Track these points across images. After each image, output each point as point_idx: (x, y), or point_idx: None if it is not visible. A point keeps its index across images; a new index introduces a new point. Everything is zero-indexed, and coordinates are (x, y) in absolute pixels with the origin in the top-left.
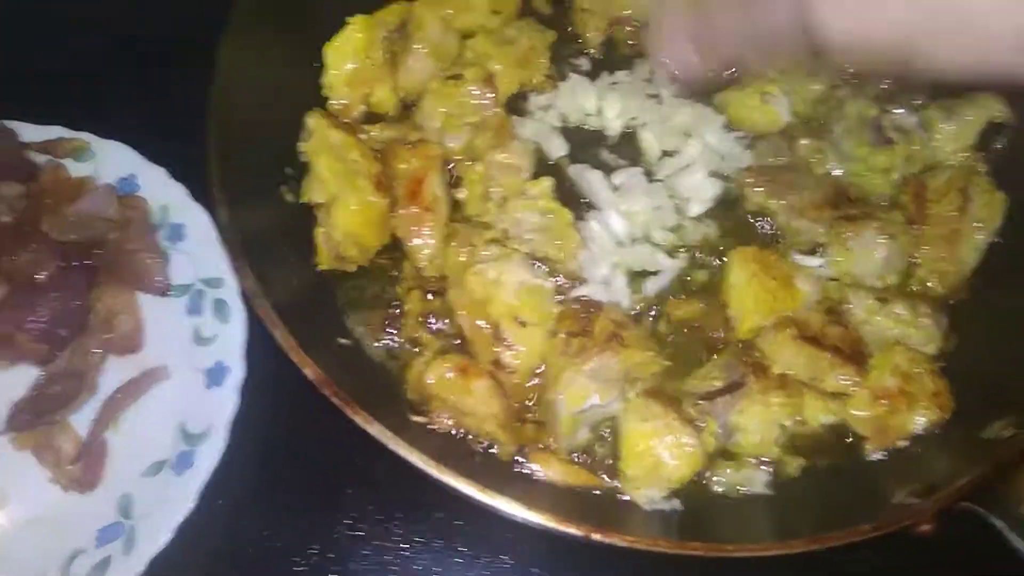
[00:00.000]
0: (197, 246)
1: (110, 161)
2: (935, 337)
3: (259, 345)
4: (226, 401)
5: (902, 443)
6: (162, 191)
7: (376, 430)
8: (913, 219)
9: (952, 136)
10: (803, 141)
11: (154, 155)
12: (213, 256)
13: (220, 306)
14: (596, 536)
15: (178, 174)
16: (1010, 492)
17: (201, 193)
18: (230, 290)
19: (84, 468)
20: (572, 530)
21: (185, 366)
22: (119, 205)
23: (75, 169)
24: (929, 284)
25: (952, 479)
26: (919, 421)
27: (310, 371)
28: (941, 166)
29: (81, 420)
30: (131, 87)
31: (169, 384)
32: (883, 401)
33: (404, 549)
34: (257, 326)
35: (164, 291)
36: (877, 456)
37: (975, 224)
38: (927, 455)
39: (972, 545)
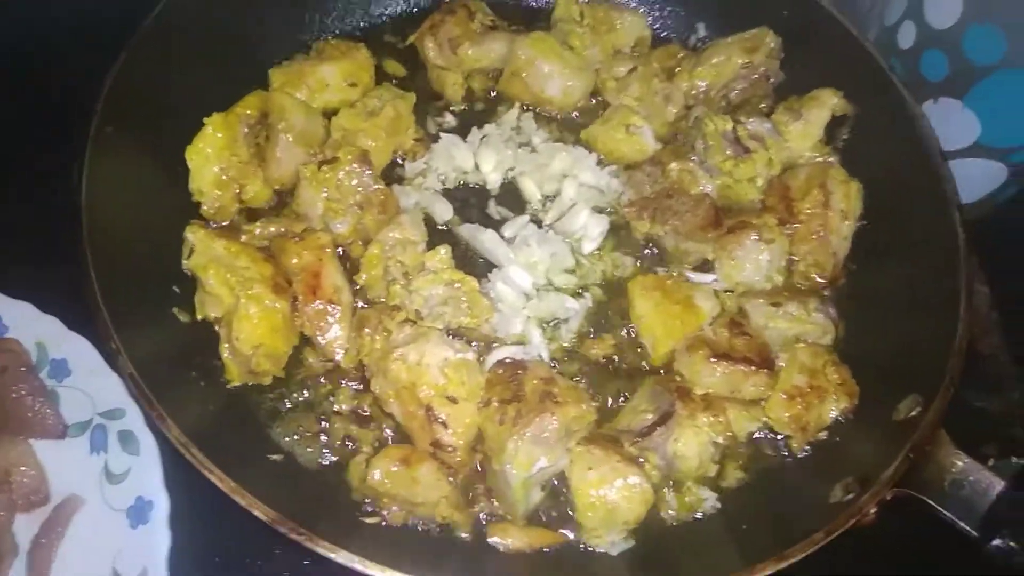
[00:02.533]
0: (86, 378)
1: None
2: (829, 328)
3: (177, 470)
4: (157, 539)
5: (823, 435)
6: (33, 327)
7: (344, 558)
8: (784, 219)
9: (801, 134)
10: (673, 165)
11: (14, 290)
12: (107, 386)
13: (126, 437)
14: None
15: (46, 305)
16: (931, 468)
17: (77, 321)
18: (134, 418)
19: None
20: None
21: (103, 508)
22: None
23: None
24: (810, 276)
25: (878, 466)
26: (832, 411)
27: (260, 513)
28: (798, 164)
29: None
30: None
31: (90, 530)
32: (797, 399)
33: None
34: (171, 450)
35: (61, 434)
36: (804, 452)
37: (840, 215)
38: (848, 444)
39: (912, 525)
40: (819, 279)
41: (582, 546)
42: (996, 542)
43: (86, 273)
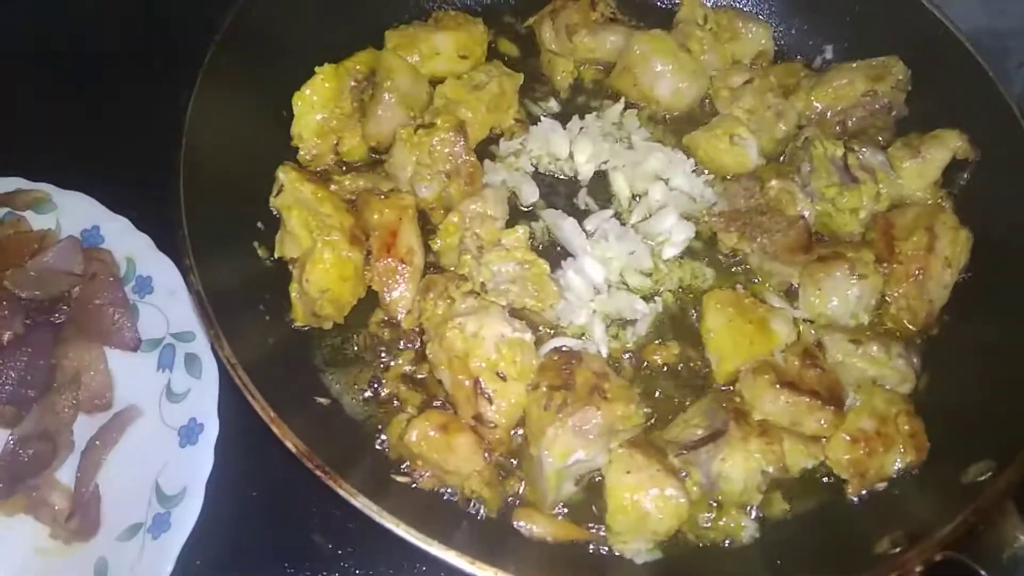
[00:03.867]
0: (166, 299)
1: (72, 212)
2: (909, 377)
3: (232, 399)
4: (202, 460)
5: (881, 485)
6: (127, 242)
7: (361, 503)
8: (882, 257)
9: (917, 173)
10: (773, 183)
11: (116, 205)
12: (183, 309)
13: (191, 360)
14: None
15: (142, 224)
16: (992, 539)
17: (167, 243)
18: (202, 344)
19: (81, 519)
20: None
21: (158, 424)
22: (84, 258)
23: (36, 222)
24: (900, 321)
25: (934, 525)
26: (897, 463)
27: (291, 444)
28: (907, 203)
29: (67, 475)
30: (91, 135)
31: (141, 441)
32: (861, 444)
33: None
34: (229, 380)
35: (135, 346)
36: (857, 499)
37: (943, 262)
38: (907, 498)
39: None
40: (909, 326)
41: (605, 549)
42: None
43: (176, 192)
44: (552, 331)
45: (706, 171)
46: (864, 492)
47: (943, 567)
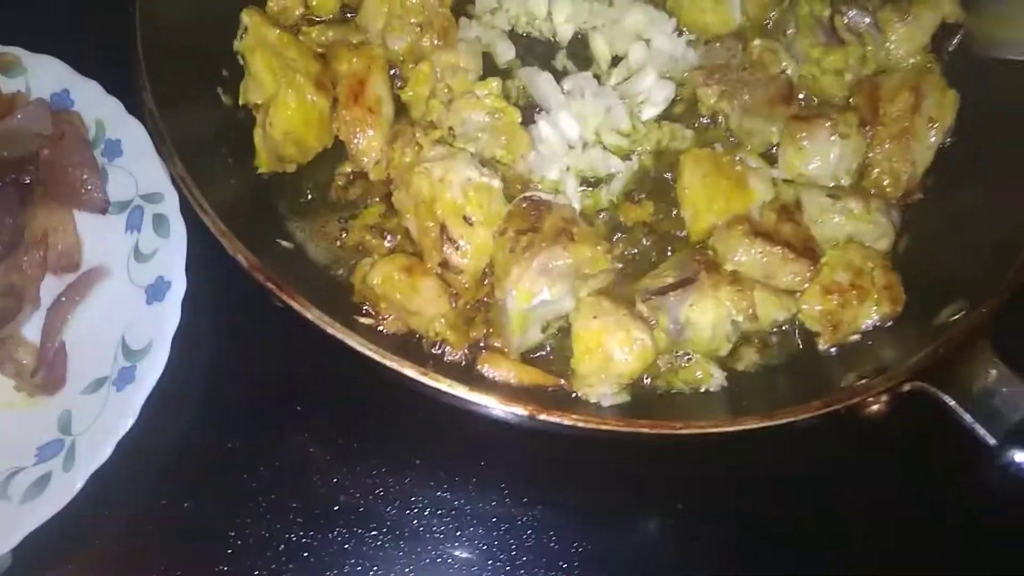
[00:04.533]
0: (135, 162)
1: (42, 76)
2: (888, 232)
3: (201, 260)
4: (168, 316)
5: (855, 338)
6: (97, 106)
7: (313, 316)
8: (866, 120)
9: (906, 36)
10: (756, 42)
11: (87, 69)
12: (152, 171)
13: (160, 221)
14: (542, 416)
15: (113, 88)
16: (963, 371)
17: (137, 108)
18: (170, 205)
19: (46, 373)
20: (518, 409)
21: (125, 283)
22: (53, 120)
23: (5, 84)
24: (883, 185)
25: (903, 362)
26: (871, 314)
27: (241, 257)
28: (895, 68)
29: (33, 333)
30: None
31: (109, 300)
32: (834, 296)
33: (357, 463)
34: (198, 240)
35: (103, 208)
36: (829, 351)
37: (928, 123)
38: (879, 347)
39: (923, 426)
40: (891, 190)
41: (573, 394)
42: (1016, 455)
43: (132, 37)
44: (523, 187)
45: (688, 32)
46: (836, 345)
47: (910, 400)
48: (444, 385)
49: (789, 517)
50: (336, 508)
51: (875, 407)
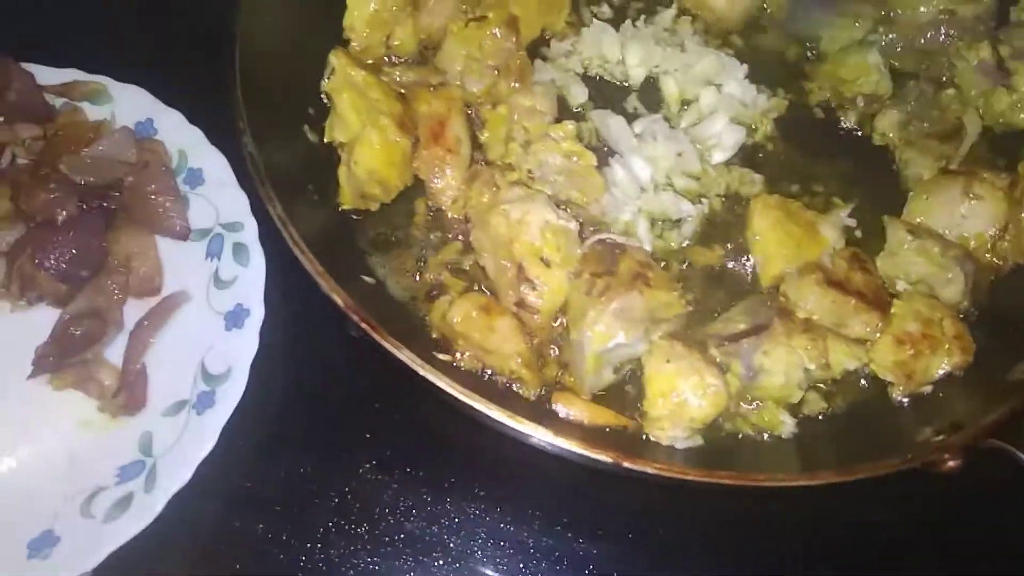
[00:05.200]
0: (216, 190)
1: (127, 104)
2: (957, 281)
3: (279, 288)
4: (247, 342)
5: (927, 388)
6: (180, 135)
7: (405, 356)
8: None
9: None
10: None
11: (170, 99)
12: (232, 200)
13: (239, 249)
14: (626, 464)
15: (195, 118)
16: None
17: (218, 137)
18: (249, 234)
19: (128, 395)
20: (602, 457)
21: (205, 309)
22: (137, 148)
23: (92, 112)
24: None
25: (979, 416)
26: (943, 364)
27: (338, 298)
28: None
29: (115, 355)
30: (147, 30)
31: (189, 325)
32: (907, 346)
33: (425, 493)
34: (276, 269)
35: (184, 235)
36: (901, 401)
37: None
38: (951, 399)
39: (1000, 484)
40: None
41: (644, 436)
42: None
43: (231, 79)
44: (596, 228)
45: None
46: (908, 396)
47: (985, 456)
48: (530, 428)
49: (850, 567)
50: (402, 535)
51: (950, 463)
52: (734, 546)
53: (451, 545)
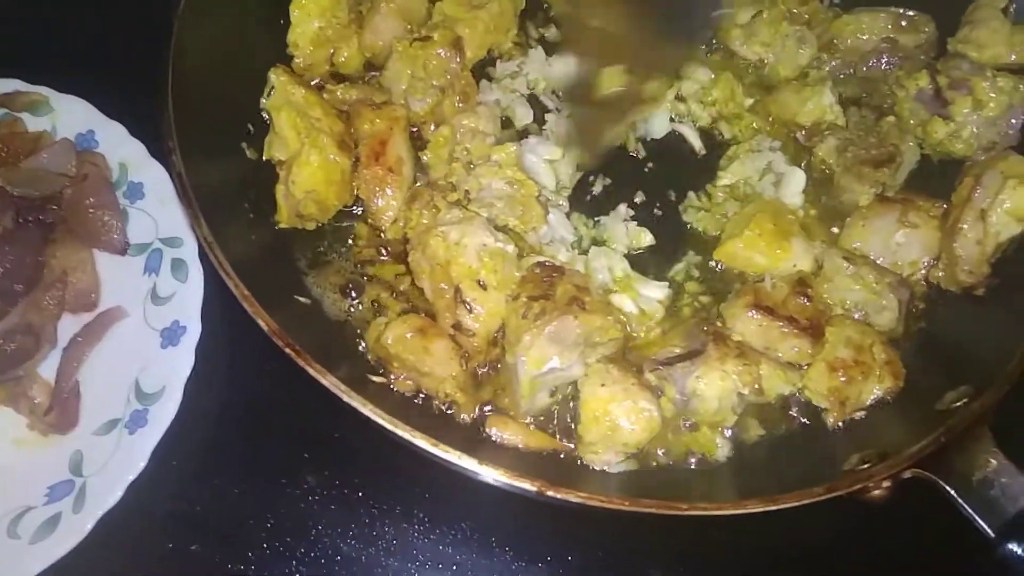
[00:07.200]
0: (156, 205)
1: (68, 116)
2: (891, 308)
3: (217, 306)
4: (182, 361)
5: (859, 414)
6: (121, 148)
7: (329, 382)
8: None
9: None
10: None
11: (113, 111)
12: (173, 215)
13: (178, 265)
14: (549, 492)
15: (137, 131)
16: (963, 460)
17: (161, 151)
18: (189, 250)
19: (59, 412)
20: (526, 485)
21: (141, 325)
22: (77, 160)
23: (32, 123)
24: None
25: (905, 447)
26: (874, 390)
27: (262, 322)
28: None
29: (49, 371)
30: (90, 41)
31: (124, 341)
32: (839, 372)
33: (362, 514)
34: (215, 287)
35: (123, 249)
36: (837, 426)
37: (978, 215)
38: (882, 425)
39: (924, 513)
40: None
41: (579, 461)
42: (1014, 547)
43: (164, 88)
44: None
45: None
46: (842, 421)
47: (910, 485)
48: (454, 457)
49: None
50: (339, 557)
51: (876, 492)
52: (677, 569)
53: (388, 566)
